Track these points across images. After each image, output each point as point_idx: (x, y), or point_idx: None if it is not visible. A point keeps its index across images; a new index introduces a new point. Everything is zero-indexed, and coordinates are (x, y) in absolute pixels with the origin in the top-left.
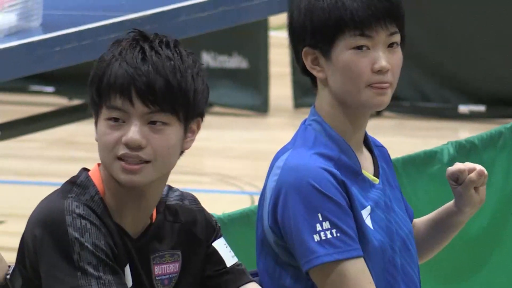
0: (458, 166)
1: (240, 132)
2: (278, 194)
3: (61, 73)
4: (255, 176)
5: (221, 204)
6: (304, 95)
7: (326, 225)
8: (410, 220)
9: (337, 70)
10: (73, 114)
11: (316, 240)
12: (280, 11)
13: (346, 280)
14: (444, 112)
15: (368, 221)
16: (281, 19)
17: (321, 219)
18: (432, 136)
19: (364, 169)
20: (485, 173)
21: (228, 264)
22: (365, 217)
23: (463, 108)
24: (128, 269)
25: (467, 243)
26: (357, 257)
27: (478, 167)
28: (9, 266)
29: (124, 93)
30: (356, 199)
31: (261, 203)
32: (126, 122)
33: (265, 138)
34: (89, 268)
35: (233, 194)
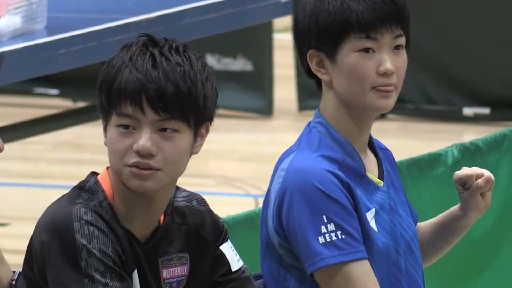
0: (465, 171)
1: (244, 135)
2: (282, 196)
3: (65, 76)
4: (260, 179)
5: (225, 206)
6: (309, 98)
7: (331, 227)
8: (414, 223)
9: (342, 73)
10: (77, 116)
11: (321, 242)
12: (284, 13)
13: (351, 282)
14: (448, 114)
15: (373, 224)
16: (286, 21)
17: (326, 221)
18: (437, 138)
19: (369, 171)
20: (492, 179)
21: (233, 268)
22: (370, 219)
23: (468, 111)
24: (136, 274)
25: (471, 246)
26: (362, 259)
27: (486, 173)
28: (13, 272)
29: (135, 100)
30: (361, 201)
31: (265, 205)
32: (136, 129)
33: (269, 140)
34: (96, 275)
35: (237, 196)
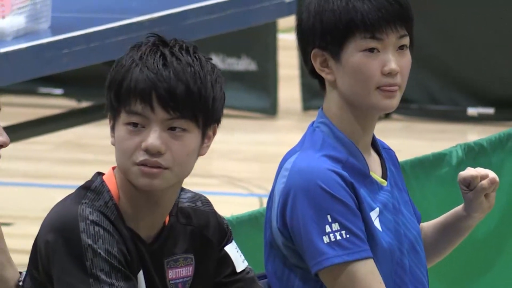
0: (470, 172)
1: (248, 135)
2: (286, 196)
3: (69, 75)
4: (264, 179)
5: (230, 206)
6: (313, 98)
7: (336, 226)
8: (417, 223)
9: (347, 72)
10: (81, 116)
11: (325, 242)
12: (289, 13)
13: (356, 281)
14: (452, 114)
15: (377, 223)
16: (290, 21)
17: (330, 220)
18: (441, 138)
19: (372, 171)
20: (497, 180)
21: (238, 269)
22: (374, 219)
23: (472, 111)
24: (141, 274)
25: (475, 246)
26: (367, 258)
27: (491, 174)
28: (20, 273)
29: (145, 98)
30: (365, 201)
31: (269, 206)
32: (145, 127)
33: (273, 140)
34: (101, 275)
35: (241, 196)
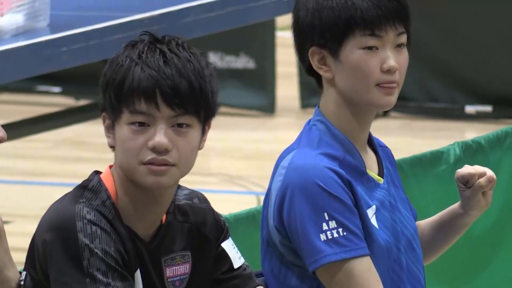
0: (468, 169)
1: (246, 133)
2: (283, 194)
3: (68, 73)
4: (262, 176)
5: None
6: (311, 96)
7: (333, 224)
8: (414, 220)
9: (346, 70)
10: (80, 114)
11: (322, 240)
12: (287, 11)
13: (353, 278)
14: (450, 112)
15: (374, 221)
16: (288, 19)
17: (327, 218)
18: (439, 136)
19: (369, 168)
20: (494, 179)
21: (235, 265)
22: (371, 216)
23: (470, 109)
24: (138, 273)
25: (472, 244)
26: (364, 255)
27: (489, 172)
28: (20, 272)
29: (149, 97)
30: (362, 198)
31: (266, 204)
32: (150, 126)
33: (271, 138)
34: (98, 274)
35: (239, 194)
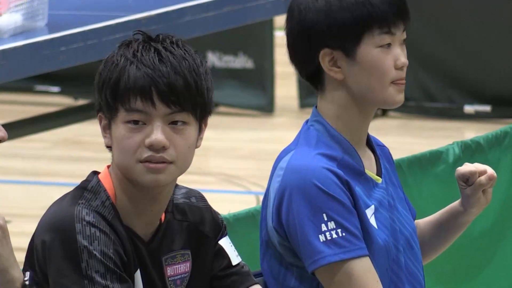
0: (469, 167)
1: (245, 132)
2: (282, 195)
3: (66, 73)
4: (261, 176)
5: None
6: (310, 95)
7: (331, 225)
8: (412, 219)
9: (363, 69)
10: (78, 114)
11: (321, 240)
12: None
13: (352, 279)
14: (449, 112)
15: (372, 220)
16: None
17: (326, 219)
18: (438, 136)
19: (367, 168)
20: (495, 176)
21: (233, 262)
22: (369, 216)
23: (469, 108)
24: (138, 274)
25: (472, 243)
26: (363, 256)
27: (489, 170)
28: (23, 273)
29: (145, 95)
30: (360, 198)
31: (264, 204)
32: (147, 124)
33: (270, 138)
34: (96, 276)
35: (238, 194)
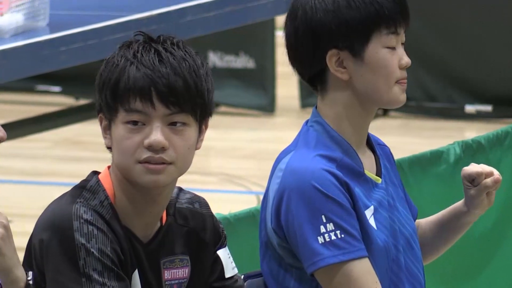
0: (475, 168)
1: (246, 132)
2: (281, 196)
3: (67, 73)
4: (262, 176)
5: (227, 204)
6: (311, 95)
7: (330, 226)
8: (414, 218)
9: (370, 69)
10: (79, 114)
11: (320, 242)
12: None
13: (351, 280)
14: (450, 112)
15: (372, 221)
16: None
17: (325, 220)
18: (438, 136)
19: (367, 169)
20: (500, 179)
21: (227, 275)
22: (369, 217)
23: (470, 108)
24: (136, 274)
25: (472, 243)
26: (362, 257)
27: (496, 172)
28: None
29: (145, 96)
30: (359, 199)
31: (264, 205)
32: (146, 124)
33: (271, 138)
34: (94, 274)
35: (239, 194)
